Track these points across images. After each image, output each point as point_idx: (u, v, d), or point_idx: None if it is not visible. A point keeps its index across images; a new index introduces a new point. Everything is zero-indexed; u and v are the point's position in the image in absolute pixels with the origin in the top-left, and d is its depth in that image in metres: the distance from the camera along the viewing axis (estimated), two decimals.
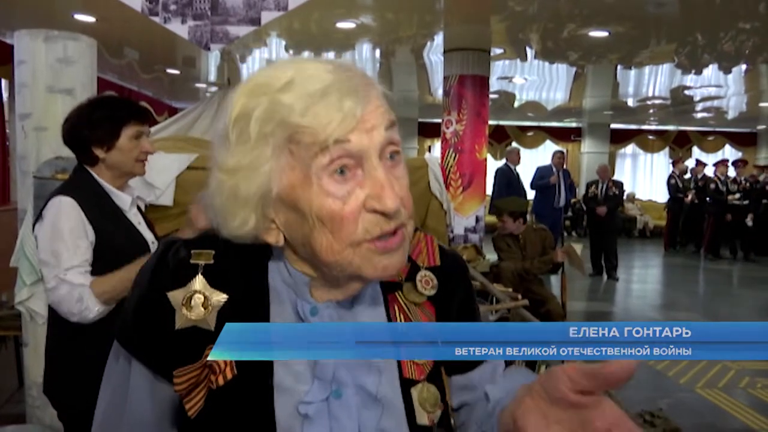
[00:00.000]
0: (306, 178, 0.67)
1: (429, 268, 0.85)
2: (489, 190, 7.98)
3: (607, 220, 8.65)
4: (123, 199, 1.87)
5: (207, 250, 0.77)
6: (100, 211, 1.78)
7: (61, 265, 1.69)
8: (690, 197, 11.53)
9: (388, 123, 0.70)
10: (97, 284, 1.71)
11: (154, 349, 0.74)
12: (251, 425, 0.71)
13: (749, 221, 10.77)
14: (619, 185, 8.92)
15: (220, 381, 0.71)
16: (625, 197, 10.78)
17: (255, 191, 0.69)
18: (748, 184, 11.21)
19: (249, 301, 0.75)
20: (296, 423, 0.71)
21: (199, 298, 0.73)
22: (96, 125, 1.81)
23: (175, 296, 0.74)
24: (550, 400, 0.58)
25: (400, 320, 0.79)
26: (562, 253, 4.57)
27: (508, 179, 8.48)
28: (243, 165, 0.69)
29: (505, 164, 8.74)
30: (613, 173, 11.05)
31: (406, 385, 0.77)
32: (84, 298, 1.67)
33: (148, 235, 1.92)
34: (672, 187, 11.76)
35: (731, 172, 11.55)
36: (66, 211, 1.74)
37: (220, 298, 0.74)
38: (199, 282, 0.74)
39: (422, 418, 0.76)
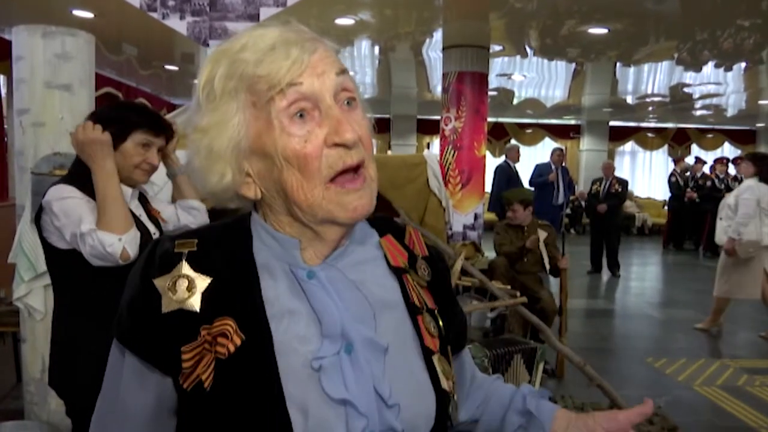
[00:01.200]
0: (269, 124, 0.74)
1: (422, 258, 0.91)
2: (488, 188, 7.98)
3: (608, 218, 8.63)
4: (123, 191, 1.87)
5: (190, 240, 0.80)
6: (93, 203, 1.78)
7: (78, 230, 1.71)
8: (687, 195, 11.52)
9: (339, 69, 0.76)
10: (98, 221, 1.72)
11: (144, 337, 0.76)
12: (259, 389, 0.73)
13: None
14: (624, 183, 8.90)
15: (231, 348, 0.73)
16: None
17: (227, 144, 0.76)
18: None
19: (235, 281, 0.77)
20: (306, 379, 0.73)
21: (183, 282, 0.76)
22: (106, 124, 1.81)
23: (161, 282, 0.77)
24: None
25: (414, 298, 0.84)
26: (531, 241, 4.58)
27: (507, 176, 8.48)
28: (213, 122, 0.76)
29: (505, 161, 8.74)
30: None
31: (428, 353, 0.82)
32: (102, 240, 1.67)
33: (150, 226, 1.93)
34: (673, 185, 11.76)
35: (731, 170, 11.54)
36: (69, 190, 1.78)
37: (204, 280, 0.77)
38: (182, 267, 0.77)
39: (444, 384, 0.81)
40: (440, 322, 0.86)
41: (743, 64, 7.87)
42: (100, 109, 1.90)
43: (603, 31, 6.22)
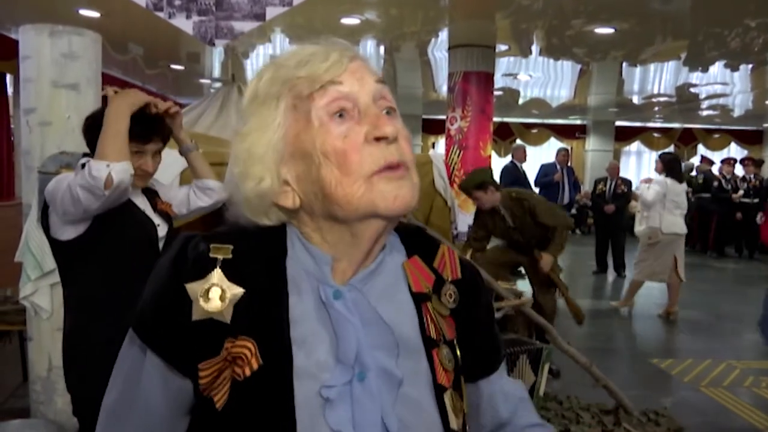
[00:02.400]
0: (308, 122, 0.74)
1: (452, 282, 0.87)
2: None
3: (614, 218, 8.59)
4: None
5: (226, 245, 0.78)
6: None
7: (71, 177, 1.71)
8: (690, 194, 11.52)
9: (378, 78, 0.78)
10: (96, 154, 1.72)
11: (170, 340, 0.76)
12: (272, 414, 0.72)
13: (759, 219, 10.67)
14: (628, 183, 8.86)
15: (247, 372, 0.72)
16: None
17: (266, 148, 0.76)
18: (758, 182, 11.14)
19: (266, 293, 0.76)
20: (318, 408, 0.72)
21: (216, 291, 0.75)
22: (97, 131, 1.80)
23: (193, 288, 0.75)
24: None
25: (431, 330, 0.81)
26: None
27: (514, 177, 8.44)
28: (254, 126, 0.77)
29: (511, 161, 8.71)
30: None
31: (439, 390, 0.79)
32: (90, 165, 1.66)
33: (154, 218, 1.93)
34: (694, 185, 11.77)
35: (738, 170, 11.48)
36: (63, 174, 1.79)
37: (236, 291, 0.75)
38: (217, 275, 0.76)
39: (453, 423, 0.78)
40: (458, 353, 0.83)
41: (750, 65, 7.84)
42: (95, 115, 1.89)
43: (609, 30, 6.20)
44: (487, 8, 5.63)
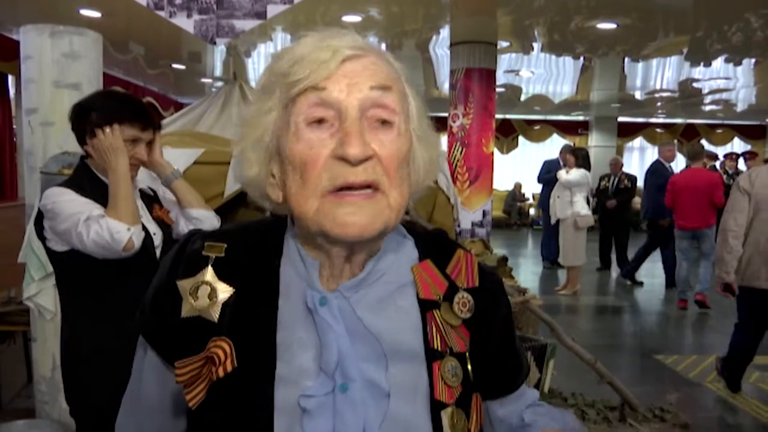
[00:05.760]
0: (287, 125, 0.71)
1: (467, 290, 0.81)
2: (496, 184, 7.93)
3: (617, 214, 8.55)
4: None
5: (220, 243, 0.78)
6: (95, 202, 1.77)
7: (83, 216, 1.68)
8: None
9: (377, 84, 0.71)
10: (108, 210, 1.71)
11: (162, 335, 0.77)
12: (250, 418, 0.71)
13: None
14: (632, 178, 8.81)
15: (220, 373, 0.71)
16: None
17: (257, 139, 0.75)
18: None
19: (256, 295, 0.75)
20: (297, 417, 0.70)
21: (205, 289, 0.74)
22: (90, 111, 1.79)
23: (184, 285, 0.75)
24: None
25: (437, 340, 0.76)
26: None
27: (663, 178, 7.96)
28: (252, 114, 0.76)
29: (657, 161, 8.41)
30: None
31: (437, 407, 0.74)
32: (110, 226, 1.66)
33: (150, 226, 1.90)
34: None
35: (741, 166, 11.43)
36: (63, 190, 1.77)
37: (226, 290, 0.75)
38: (208, 273, 0.75)
39: None
40: (469, 367, 0.78)
41: (753, 59, 7.80)
42: (87, 99, 1.86)
43: (611, 26, 6.18)
44: (489, 5, 5.61)
